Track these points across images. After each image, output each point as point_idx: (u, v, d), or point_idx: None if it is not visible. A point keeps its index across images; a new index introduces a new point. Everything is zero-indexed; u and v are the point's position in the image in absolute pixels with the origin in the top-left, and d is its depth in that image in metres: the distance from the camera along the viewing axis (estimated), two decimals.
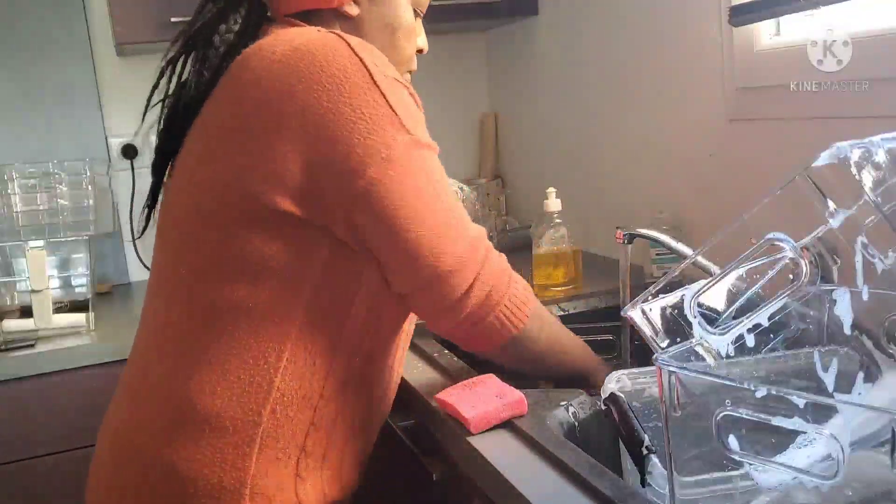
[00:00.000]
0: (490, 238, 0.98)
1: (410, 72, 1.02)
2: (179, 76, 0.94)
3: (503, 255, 0.95)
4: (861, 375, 0.70)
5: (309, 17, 0.93)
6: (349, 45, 0.82)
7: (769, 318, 0.71)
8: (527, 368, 1.03)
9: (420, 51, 1.03)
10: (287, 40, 0.84)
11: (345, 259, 0.86)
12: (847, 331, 0.71)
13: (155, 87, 0.95)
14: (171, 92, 0.94)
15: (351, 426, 0.93)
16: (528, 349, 0.98)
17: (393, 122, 0.82)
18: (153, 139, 0.98)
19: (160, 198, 0.98)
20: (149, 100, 0.96)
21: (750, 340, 0.70)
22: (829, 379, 0.70)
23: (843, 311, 0.71)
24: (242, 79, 0.85)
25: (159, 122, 0.95)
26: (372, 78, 0.82)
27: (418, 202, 0.84)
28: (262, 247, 0.83)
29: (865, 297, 0.70)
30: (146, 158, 2.02)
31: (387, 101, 0.82)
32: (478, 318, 0.91)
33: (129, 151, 2.02)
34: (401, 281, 0.88)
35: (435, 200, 0.86)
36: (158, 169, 0.97)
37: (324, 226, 0.84)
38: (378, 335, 0.93)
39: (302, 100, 0.81)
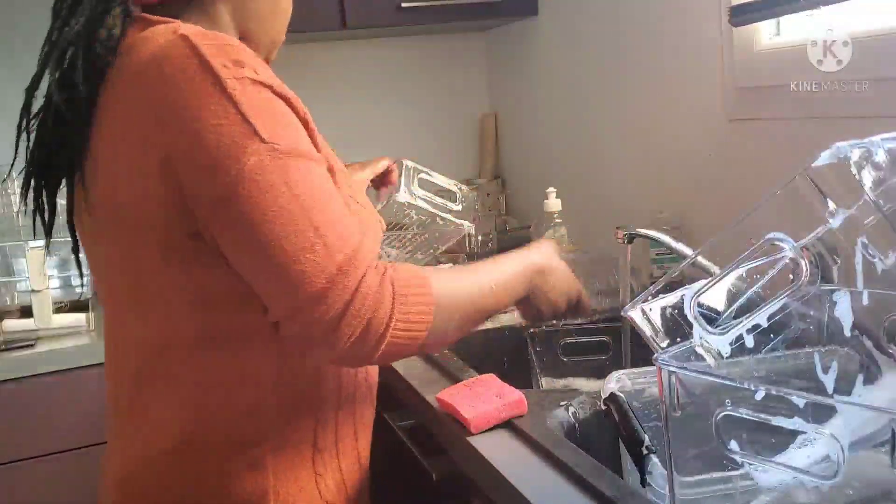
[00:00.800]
0: (490, 238, 0.95)
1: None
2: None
3: (388, 273, 0.80)
4: (861, 377, 0.70)
5: (185, 1, 0.86)
6: (197, 49, 0.75)
7: (769, 319, 0.71)
8: (474, 327, 0.91)
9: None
10: (142, 50, 0.78)
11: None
12: (847, 333, 0.71)
13: (28, 103, 0.91)
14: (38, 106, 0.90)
15: (353, 412, 0.92)
16: (454, 321, 0.86)
17: (244, 132, 0.74)
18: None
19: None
20: (25, 117, 0.92)
21: (750, 340, 0.70)
22: (828, 379, 0.70)
23: (844, 313, 0.71)
24: (115, 95, 0.80)
25: (23, 134, 0.92)
26: (220, 85, 0.74)
27: (276, 221, 0.74)
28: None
29: (865, 298, 0.70)
30: None
31: (237, 109, 0.74)
32: (370, 349, 0.79)
33: None
34: (272, 305, 0.79)
35: (295, 220, 0.75)
36: (48, 184, 0.96)
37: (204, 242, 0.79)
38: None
39: (156, 117, 0.76)
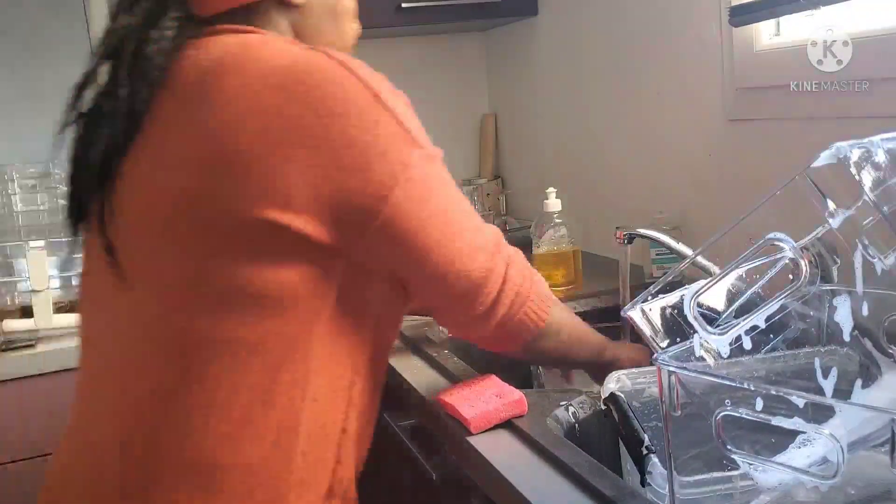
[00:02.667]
0: None
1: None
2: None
3: (519, 250, 0.92)
4: (860, 377, 0.71)
5: (244, 12, 0.82)
6: (341, 62, 0.75)
7: (769, 319, 0.71)
8: (550, 361, 1.04)
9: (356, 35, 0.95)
10: (262, 58, 0.75)
11: (358, 280, 0.80)
12: (847, 338, 0.71)
13: (76, 101, 0.85)
14: (84, 107, 0.85)
15: (362, 452, 0.89)
16: (554, 341, 0.96)
17: (406, 139, 0.76)
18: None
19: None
20: (70, 115, 0.86)
21: (748, 342, 0.70)
22: (828, 379, 0.70)
23: (844, 318, 0.71)
24: (216, 100, 0.74)
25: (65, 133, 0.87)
26: (376, 95, 0.75)
27: (442, 220, 0.80)
28: (274, 278, 0.74)
29: (865, 298, 0.70)
30: None
31: (395, 117, 0.75)
32: (507, 320, 0.89)
33: None
34: (429, 297, 0.86)
35: (455, 214, 0.82)
36: (85, 184, 0.88)
37: (340, 252, 0.76)
38: (390, 336, 0.90)
39: (307, 128, 0.72)
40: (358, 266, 0.78)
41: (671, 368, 0.62)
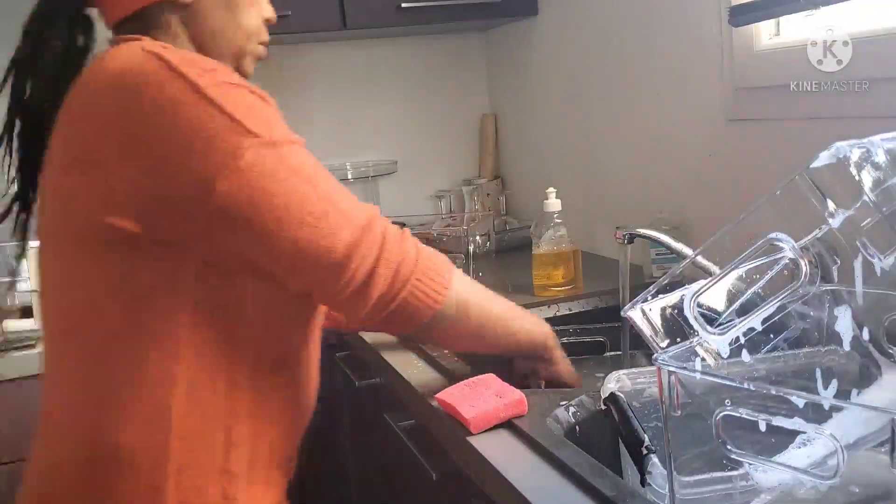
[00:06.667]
0: (489, 238, 0.97)
1: (263, 43, 0.95)
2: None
3: (406, 230, 0.89)
4: (861, 377, 0.71)
5: (143, 18, 0.88)
6: (169, 63, 0.78)
7: (769, 319, 0.71)
8: (467, 345, 0.99)
9: (268, 20, 0.95)
10: (108, 68, 0.81)
11: (218, 272, 0.83)
12: (847, 347, 0.71)
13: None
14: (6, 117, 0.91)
15: (274, 436, 0.89)
16: (458, 322, 0.92)
17: (235, 129, 0.77)
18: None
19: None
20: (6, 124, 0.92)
21: (748, 344, 0.70)
22: (828, 379, 0.70)
23: (844, 328, 0.71)
24: (73, 108, 0.83)
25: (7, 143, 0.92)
26: (199, 91, 0.77)
27: (288, 201, 0.79)
28: (132, 272, 0.81)
29: (865, 298, 0.70)
30: None
31: (223, 110, 0.77)
32: (390, 298, 0.85)
33: None
34: (296, 282, 0.84)
35: (307, 194, 0.81)
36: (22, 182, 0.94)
37: (182, 248, 0.81)
38: (283, 338, 0.89)
39: (132, 130, 0.78)
40: (214, 262, 0.82)
41: (671, 368, 0.62)
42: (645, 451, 0.75)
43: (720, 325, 0.69)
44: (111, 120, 0.79)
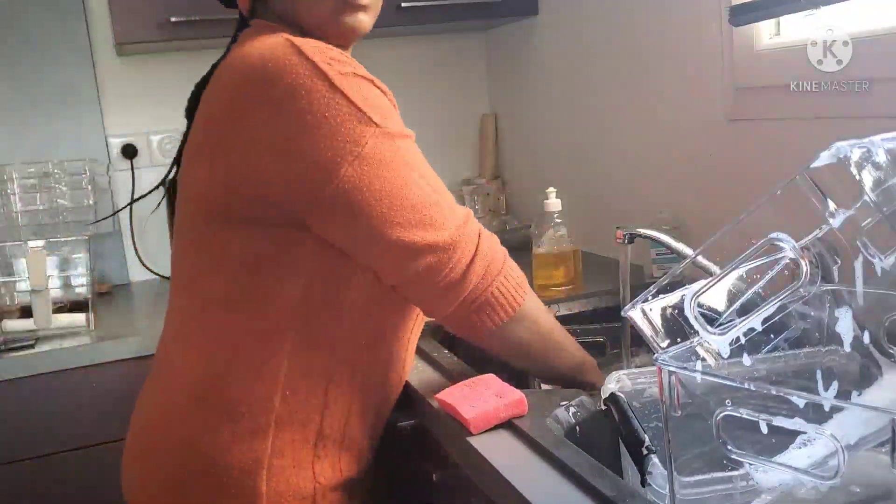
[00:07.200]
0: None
1: (361, 7, 0.93)
2: None
3: (495, 236, 0.95)
4: (861, 378, 0.70)
5: (264, 8, 0.96)
6: (300, 50, 0.82)
7: (769, 319, 0.70)
8: (521, 360, 1.02)
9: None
10: (243, 53, 0.86)
11: (332, 251, 0.88)
12: (847, 349, 0.71)
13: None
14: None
15: (365, 408, 0.95)
16: (528, 331, 0.97)
17: (359, 118, 0.82)
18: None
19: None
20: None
21: (748, 345, 0.70)
22: (829, 379, 0.70)
23: (845, 329, 0.71)
24: (211, 93, 0.90)
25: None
26: (328, 79, 0.82)
27: (400, 191, 0.84)
28: (251, 244, 0.87)
29: (865, 298, 0.70)
30: (146, 158, 2.03)
31: (348, 99, 0.82)
32: (478, 294, 0.90)
33: (129, 151, 2.02)
34: (392, 273, 0.89)
35: (416, 186, 0.86)
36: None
37: (303, 226, 0.86)
38: (383, 318, 0.94)
39: (263, 114, 0.82)
40: (329, 243, 0.87)
41: (671, 368, 0.62)
42: (645, 452, 0.75)
43: (720, 325, 0.69)
44: (244, 104, 0.84)
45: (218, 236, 0.90)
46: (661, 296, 0.72)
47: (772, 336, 0.71)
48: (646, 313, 0.72)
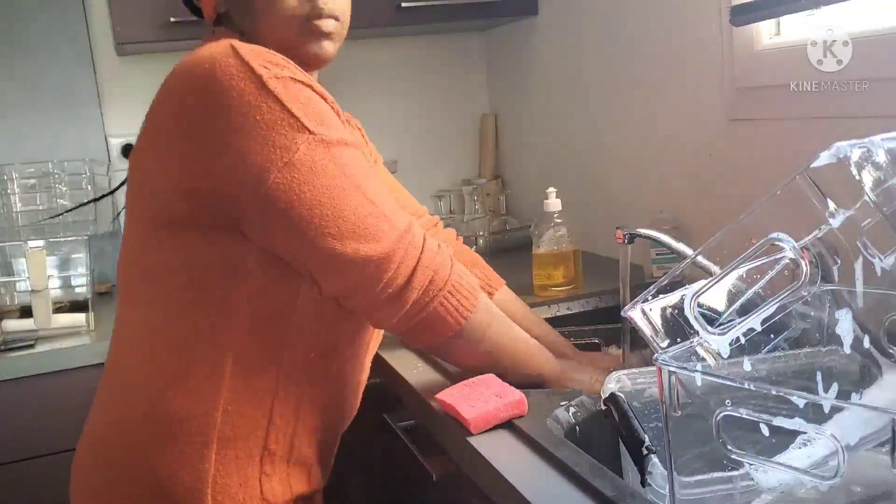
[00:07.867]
0: (487, 238, 0.97)
1: (324, 35, 0.92)
2: None
3: (444, 245, 0.92)
4: (861, 377, 0.70)
5: (228, 24, 0.97)
6: (237, 52, 0.81)
7: (769, 319, 0.70)
8: (478, 366, 0.99)
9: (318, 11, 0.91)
10: (188, 57, 0.86)
11: (278, 261, 0.86)
12: (847, 350, 0.71)
13: None
14: None
15: (315, 424, 0.92)
16: (472, 349, 0.95)
17: (291, 123, 0.80)
18: None
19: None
20: None
21: (747, 345, 0.70)
22: (829, 379, 0.70)
23: (845, 331, 0.71)
24: (156, 95, 0.88)
25: None
26: (262, 83, 0.80)
27: (334, 201, 0.82)
28: (195, 253, 0.85)
29: (865, 298, 0.69)
30: None
31: (281, 103, 0.80)
32: (422, 306, 0.88)
33: (129, 151, 2.01)
34: (334, 284, 0.86)
35: (352, 196, 0.83)
36: None
37: (243, 235, 0.85)
38: (335, 331, 0.91)
39: (196, 115, 0.82)
40: (271, 252, 0.85)
41: (671, 368, 0.62)
42: (645, 452, 0.75)
43: (720, 325, 0.69)
44: (180, 104, 0.83)
45: (163, 245, 0.87)
46: (661, 296, 0.72)
47: (772, 336, 0.71)
48: (646, 313, 0.72)
